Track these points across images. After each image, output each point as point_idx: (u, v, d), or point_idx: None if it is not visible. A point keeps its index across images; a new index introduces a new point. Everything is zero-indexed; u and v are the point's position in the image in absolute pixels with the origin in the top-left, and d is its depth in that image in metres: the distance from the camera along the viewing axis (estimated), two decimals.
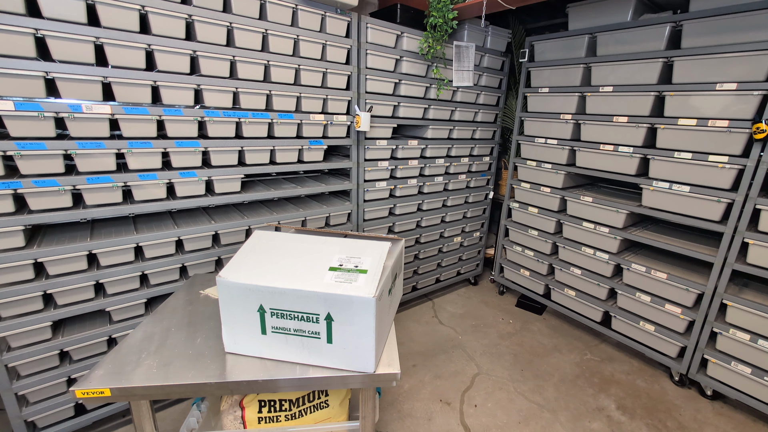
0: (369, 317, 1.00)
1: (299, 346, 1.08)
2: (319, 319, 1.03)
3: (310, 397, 1.31)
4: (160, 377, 1.02)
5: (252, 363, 1.10)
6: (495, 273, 3.44)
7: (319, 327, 1.05)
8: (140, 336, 1.21)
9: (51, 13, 1.38)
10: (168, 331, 1.23)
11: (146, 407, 1.08)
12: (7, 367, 1.53)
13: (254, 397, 1.28)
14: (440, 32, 2.35)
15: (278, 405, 1.29)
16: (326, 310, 1.02)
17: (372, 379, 1.07)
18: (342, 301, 1.00)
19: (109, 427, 1.89)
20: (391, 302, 1.24)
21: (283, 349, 1.10)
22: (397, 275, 1.28)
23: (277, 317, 1.06)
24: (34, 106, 1.40)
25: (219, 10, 1.72)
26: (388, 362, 1.10)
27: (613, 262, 2.54)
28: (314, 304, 1.02)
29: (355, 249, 1.17)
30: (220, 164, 1.90)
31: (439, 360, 2.48)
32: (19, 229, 1.47)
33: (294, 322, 1.06)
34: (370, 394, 1.15)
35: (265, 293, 1.04)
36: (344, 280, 1.04)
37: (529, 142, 2.95)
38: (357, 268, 1.08)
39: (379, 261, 1.10)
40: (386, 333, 1.20)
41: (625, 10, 2.30)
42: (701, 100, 2.04)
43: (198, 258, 1.91)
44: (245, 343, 1.12)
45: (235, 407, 1.29)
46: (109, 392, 0.99)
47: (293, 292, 1.02)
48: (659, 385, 2.34)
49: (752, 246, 1.95)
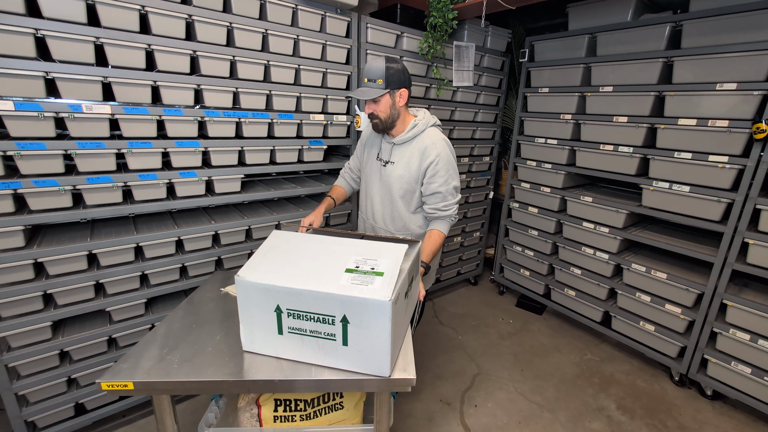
0: (384, 321, 1.00)
1: (315, 347, 1.08)
2: (335, 321, 1.03)
3: (325, 398, 1.32)
4: (181, 373, 1.04)
5: (269, 362, 1.11)
6: (495, 273, 3.44)
7: (334, 329, 1.04)
8: (163, 332, 1.23)
9: (51, 13, 1.38)
10: (189, 328, 1.25)
11: (167, 401, 1.10)
12: (7, 367, 1.53)
13: (270, 396, 1.28)
14: (440, 32, 2.35)
15: (293, 405, 1.29)
16: (342, 312, 1.02)
17: (387, 384, 1.07)
18: (358, 304, 1.00)
19: (109, 427, 1.89)
20: (407, 305, 1.23)
21: (299, 349, 1.10)
22: (413, 278, 1.27)
23: (293, 318, 1.06)
24: (34, 106, 1.40)
25: (219, 10, 1.72)
26: (403, 367, 1.10)
27: (613, 262, 2.54)
28: (330, 305, 1.02)
29: (371, 251, 1.16)
30: (220, 164, 1.90)
31: (439, 360, 2.48)
32: (19, 229, 1.47)
33: (310, 323, 1.06)
34: (385, 398, 1.15)
35: (282, 293, 1.04)
36: (360, 283, 1.03)
37: (529, 142, 2.95)
38: (373, 270, 1.07)
39: (396, 264, 1.10)
40: (402, 337, 1.20)
41: (625, 10, 2.30)
42: (701, 100, 2.04)
43: (198, 258, 1.91)
44: (262, 342, 1.12)
45: (252, 405, 1.30)
46: (132, 386, 1.01)
47: (309, 293, 1.02)
48: (659, 385, 2.34)
49: (752, 246, 1.95)
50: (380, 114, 1.56)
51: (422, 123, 1.62)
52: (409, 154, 1.62)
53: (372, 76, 1.52)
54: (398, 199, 1.67)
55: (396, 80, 1.51)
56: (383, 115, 1.56)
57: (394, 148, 1.65)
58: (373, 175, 1.73)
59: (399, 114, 1.59)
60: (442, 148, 1.59)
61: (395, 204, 1.68)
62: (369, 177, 1.76)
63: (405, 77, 1.55)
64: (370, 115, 1.59)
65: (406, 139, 1.62)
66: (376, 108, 1.56)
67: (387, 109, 1.56)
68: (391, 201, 1.69)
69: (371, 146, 1.78)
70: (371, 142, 1.79)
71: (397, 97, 1.55)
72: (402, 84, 1.54)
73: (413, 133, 1.61)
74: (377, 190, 1.73)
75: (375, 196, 1.74)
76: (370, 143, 1.79)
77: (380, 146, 1.71)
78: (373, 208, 1.76)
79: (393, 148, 1.66)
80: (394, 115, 1.58)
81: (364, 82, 1.55)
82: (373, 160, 1.74)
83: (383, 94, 1.52)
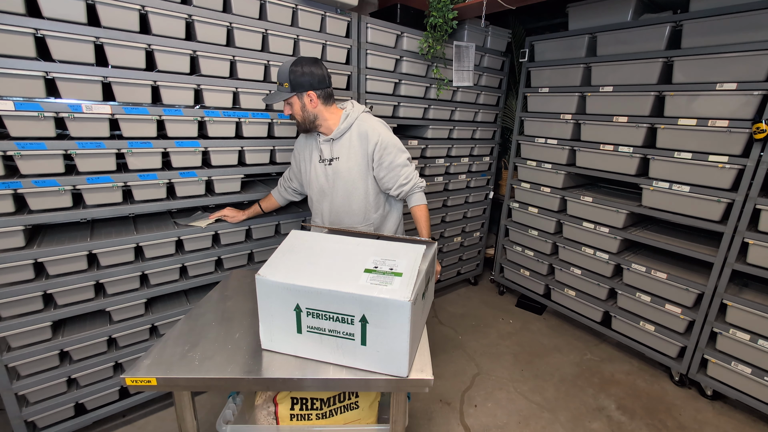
0: (404, 321, 1.00)
1: (333, 347, 1.09)
2: (354, 320, 1.04)
3: (341, 398, 1.33)
4: (202, 370, 1.05)
5: (287, 361, 1.12)
6: (495, 273, 3.44)
7: (353, 328, 1.05)
8: (185, 329, 1.24)
9: (51, 13, 1.38)
10: (209, 325, 1.26)
11: (187, 397, 1.12)
12: (7, 367, 1.53)
13: (287, 394, 1.29)
14: (440, 32, 2.35)
15: (310, 403, 1.30)
16: (361, 312, 1.03)
17: (405, 384, 1.08)
18: (377, 304, 1.01)
19: (109, 427, 1.89)
20: (425, 306, 1.24)
21: (317, 348, 1.11)
22: (430, 278, 1.28)
23: (312, 317, 1.07)
24: (34, 106, 1.40)
25: (219, 10, 1.72)
26: (420, 368, 1.10)
27: (613, 262, 2.54)
28: (349, 305, 1.03)
29: (389, 251, 1.17)
30: (220, 164, 1.90)
31: (439, 360, 2.48)
32: (19, 229, 1.47)
33: (329, 323, 1.06)
34: (402, 398, 1.15)
35: (301, 293, 1.05)
36: (379, 283, 1.04)
37: (529, 142, 2.95)
38: (392, 270, 1.08)
39: (414, 264, 1.10)
40: (419, 337, 1.20)
41: (625, 10, 2.30)
42: (701, 100, 2.04)
43: (198, 258, 1.91)
44: (281, 341, 1.13)
45: (269, 403, 1.31)
46: (155, 381, 1.03)
47: (329, 293, 1.03)
48: (659, 385, 2.34)
49: (752, 246, 1.95)
50: (295, 116, 1.59)
51: (354, 112, 1.63)
52: (348, 144, 1.62)
53: (279, 79, 1.53)
54: (353, 191, 1.66)
55: (303, 83, 1.51)
56: (298, 117, 1.58)
57: (333, 144, 1.64)
58: (320, 179, 1.70)
59: (317, 115, 1.59)
60: (381, 129, 1.63)
61: (351, 197, 1.67)
62: (316, 181, 1.72)
63: (315, 79, 1.52)
64: (289, 116, 1.60)
65: (343, 130, 1.62)
66: (290, 110, 1.58)
67: (300, 110, 1.57)
68: (347, 195, 1.67)
69: (308, 152, 1.74)
70: (305, 148, 1.75)
71: (306, 99, 1.54)
72: (310, 86, 1.52)
73: (348, 123, 1.62)
74: (329, 190, 1.69)
75: (329, 198, 1.70)
76: (305, 150, 1.75)
77: (318, 148, 1.68)
78: (330, 209, 1.72)
79: (332, 144, 1.64)
80: (309, 116, 1.58)
81: (276, 85, 1.58)
82: (315, 164, 1.70)
83: (289, 98, 1.53)
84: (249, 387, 1.07)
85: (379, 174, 1.64)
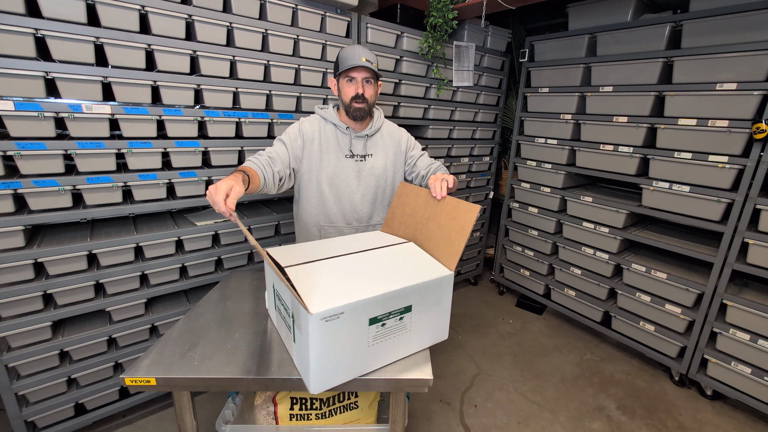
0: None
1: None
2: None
3: (340, 398, 1.33)
4: (201, 370, 1.05)
5: (287, 360, 1.11)
6: (495, 273, 3.44)
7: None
8: (184, 329, 1.24)
9: (51, 13, 1.38)
10: (209, 325, 1.26)
11: (187, 397, 1.12)
12: (7, 367, 1.53)
13: (287, 394, 1.29)
14: (440, 32, 2.35)
15: (309, 403, 1.30)
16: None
17: (405, 384, 1.07)
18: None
19: (109, 427, 1.89)
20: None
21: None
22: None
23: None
24: (34, 106, 1.40)
25: (219, 10, 1.72)
26: (420, 367, 1.11)
27: (613, 262, 2.54)
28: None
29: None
30: (221, 164, 1.90)
31: (438, 360, 2.48)
32: (19, 229, 1.47)
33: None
34: (401, 398, 1.15)
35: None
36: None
37: (529, 142, 2.95)
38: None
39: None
40: None
41: (625, 10, 2.30)
42: (701, 100, 2.04)
43: (198, 258, 1.91)
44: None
45: (269, 403, 1.31)
46: (155, 381, 1.02)
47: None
48: (659, 385, 2.34)
49: (752, 246, 1.95)
50: (370, 99, 1.53)
51: (382, 112, 1.71)
52: (382, 142, 1.67)
53: (371, 58, 1.49)
54: (385, 188, 1.69)
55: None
56: (372, 99, 1.55)
57: (368, 140, 1.63)
58: (347, 174, 1.60)
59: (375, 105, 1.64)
60: (401, 128, 1.76)
61: (383, 195, 1.69)
62: (339, 177, 1.59)
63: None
64: (357, 97, 1.48)
65: (377, 127, 1.65)
66: (369, 91, 1.51)
67: (375, 95, 1.58)
68: (380, 192, 1.68)
69: (328, 144, 1.58)
70: (325, 140, 1.58)
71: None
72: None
73: (381, 121, 1.68)
74: (355, 187, 1.62)
75: (354, 195, 1.62)
76: (324, 142, 1.58)
77: (348, 142, 1.59)
78: (351, 208, 1.64)
79: (367, 140, 1.62)
80: (374, 104, 1.60)
81: (363, 61, 1.44)
82: (341, 159, 1.58)
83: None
84: (248, 387, 1.06)
85: (413, 162, 1.72)
